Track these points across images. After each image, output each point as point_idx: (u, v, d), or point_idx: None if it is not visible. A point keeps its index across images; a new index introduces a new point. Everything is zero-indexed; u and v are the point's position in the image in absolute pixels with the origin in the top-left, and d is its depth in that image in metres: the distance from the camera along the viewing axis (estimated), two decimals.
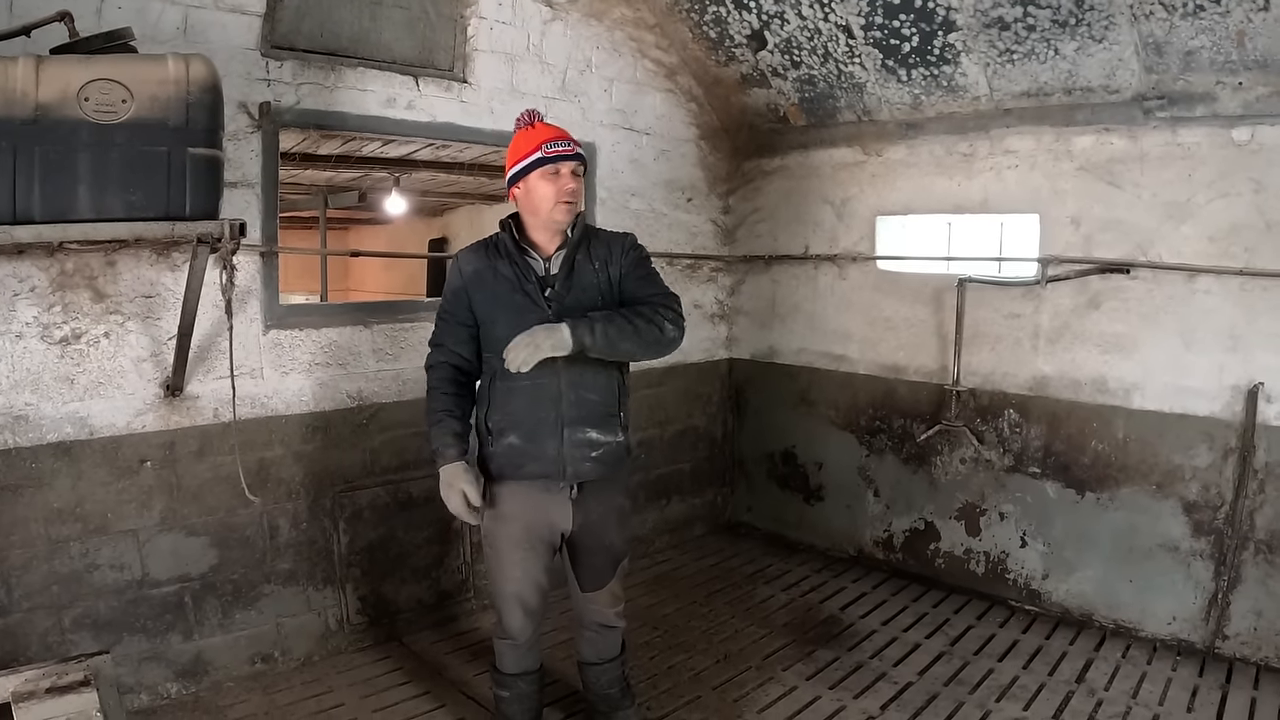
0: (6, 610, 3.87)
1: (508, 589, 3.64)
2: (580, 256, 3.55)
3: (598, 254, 3.59)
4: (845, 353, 6.43)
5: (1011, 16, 4.73)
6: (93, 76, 3.07)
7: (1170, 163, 4.81)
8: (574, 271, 3.51)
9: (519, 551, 3.58)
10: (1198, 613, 4.89)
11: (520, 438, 3.44)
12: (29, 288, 3.80)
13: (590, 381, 3.48)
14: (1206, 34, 4.31)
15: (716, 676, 4.70)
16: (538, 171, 3.41)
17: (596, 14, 5.85)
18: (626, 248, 3.66)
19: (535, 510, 3.54)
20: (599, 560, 3.72)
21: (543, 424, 3.43)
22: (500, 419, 3.46)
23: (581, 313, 3.34)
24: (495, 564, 3.66)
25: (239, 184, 4.34)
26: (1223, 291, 4.68)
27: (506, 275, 3.46)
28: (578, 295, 3.48)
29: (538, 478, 3.49)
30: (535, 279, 3.46)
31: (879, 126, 6.00)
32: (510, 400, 3.44)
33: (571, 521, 3.56)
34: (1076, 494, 5.28)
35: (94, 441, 4.05)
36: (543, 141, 3.43)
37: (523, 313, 3.37)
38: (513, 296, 3.43)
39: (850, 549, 6.49)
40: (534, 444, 3.44)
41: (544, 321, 3.27)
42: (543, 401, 3.42)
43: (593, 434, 3.49)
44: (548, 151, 3.41)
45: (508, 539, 3.58)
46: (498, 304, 3.45)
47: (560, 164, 3.42)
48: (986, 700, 4.42)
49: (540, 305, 3.41)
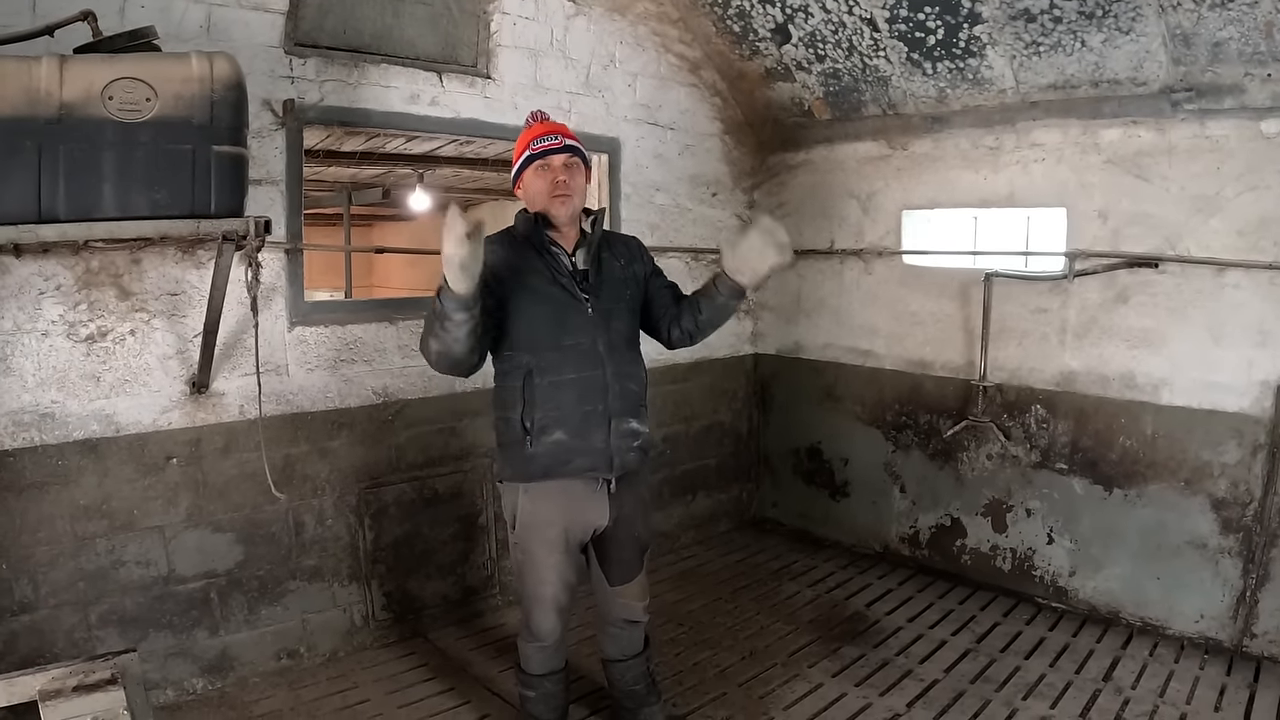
0: (33, 606, 3.90)
1: (544, 592, 3.52)
2: (606, 254, 3.55)
3: (619, 252, 3.62)
4: (871, 348, 6.40)
5: (1038, 8, 4.69)
6: (117, 75, 3.07)
7: (1198, 155, 4.75)
8: (603, 267, 3.51)
9: (555, 554, 3.47)
10: (1225, 611, 4.84)
11: (568, 433, 3.33)
12: (54, 286, 3.83)
13: (630, 371, 3.49)
14: (1235, 25, 4.26)
15: (742, 673, 4.69)
16: (531, 168, 3.42)
17: (620, 9, 5.84)
18: (645, 250, 3.78)
19: (574, 510, 3.45)
20: (628, 553, 3.67)
21: (590, 417, 3.35)
22: (544, 416, 3.32)
23: (613, 310, 3.44)
24: (529, 568, 3.52)
25: (264, 181, 4.35)
26: (1252, 286, 4.63)
27: (537, 267, 3.37)
28: (610, 290, 3.48)
29: (585, 472, 3.40)
30: (567, 272, 3.41)
31: (904, 120, 5.96)
32: (556, 396, 3.32)
33: (608, 516, 3.50)
34: (1104, 490, 5.24)
35: (120, 439, 4.08)
36: (533, 138, 3.43)
37: (561, 306, 3.35)
38: (549, 289, 3.36)
39: (876, 545, 6.47)
40: (582, 439, 3.35)
41: (580, 315, 3.35)
42: (592, 394, 3.35)
43: (634, 424, 3.47)
44: (535, 147, 3.40)
45: (544, 543, 3.45)
46: (534, 295, 3.34)
47: (549, 157, 3.40)
48: (1013, 698, 4.40)
49: (579, 299, 3.37)
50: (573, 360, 3.33)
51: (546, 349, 3.32)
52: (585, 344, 3.36)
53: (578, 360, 3.33)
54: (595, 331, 3.38)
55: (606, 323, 3.42)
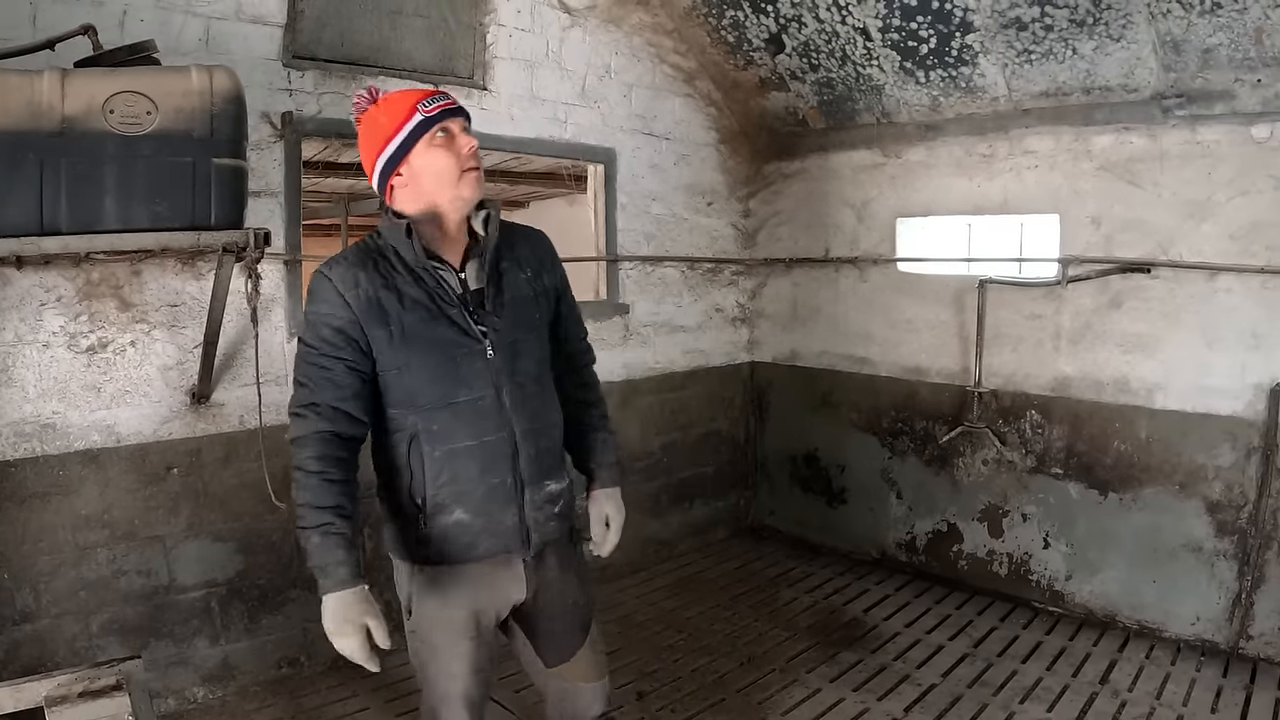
0: (35, 616, 3.92)
1: (453, 689, 2.73)
2: (506, 262, 2.70)
3: (524, 257, 2.77)
4: (867, 355, 6.42)
5: (1029, 16, 4.72)
6: (117, 89, 3.10)
7: (1190, 161, 4.79)
8: (503, 284, 2.67)
9: (464, 643, 2.70)
10: (1221, 613, 4.86)
11: (469, 512, 2.59)
12: (56, 298, 3.85)
13: (545, 423, 2.74)
14: (1224, 31, 4.30)
15: (740, 679, 4.70)
16: (423, 141, 2.50)
17: (615, 20, 5.88)
18: (554, 254, 2.92)
19: (484, 591, 2.71)
20: (560, 625, 2.86)
21: (497, 491, 2.60)
22: (438, 493, 2.57)
23: (519, 343, 2.66)
24: (432, 662, 2.75)
25: (263, 193, 4.38)
26: (1244, 290, 4.66)
27: (415, 297, 2.52)
28: (515, 314, 2.67)
29: (494, 554, 2.67)
30: (456, 301, 2.57)
31: (898, 128, 6.00)
32: (450, 467, 2.56)
33: (526, 589, 2.76)
34: (1099, 495, 5.26)
35: (121, 449, 4.10)
36: (415, 103, 2.52)
37: (449, 352, 2.54)
38: (433, 330, 2.52)
39: (873, 551, 6.49)
40: (487, 517, 2.61)
41: (477, 359, 2.56)
42: (497, 463, 2.60)
43: (552, 486, 2.74)
44: (427, 110, 2.51)
45: (450, 630, 2.70)
46: (413, 340, 2.51)
47: (448, 121, 2.53)
48: (1010, 702, 4.42)
49: (473, 336, 2.56)
50: (469, 421, 2.56)
51: (434, 408, 2.54)
52: (485, 398, 2.57)
53: (475, 421, 2.56)
54: (498, 378, 2.58)
55: (511, 364, 2.61)
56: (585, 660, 2.91)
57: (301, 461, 2.43)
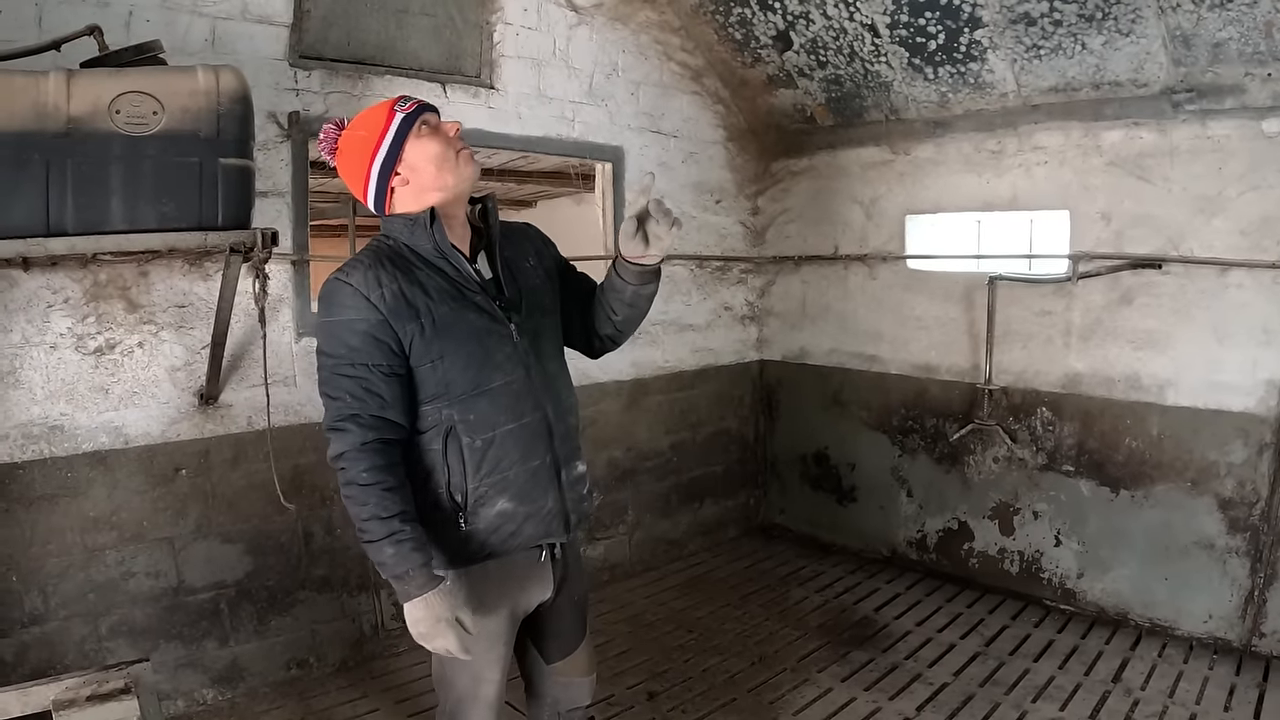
0: (44, 618, 3.92)
1: (485, 693, 2.73)
2: (510, 252, 2.76)
3: (522, 248, 2.82)
4: (877, 353, 6.41)
5: (1038, 12, 4.70)
6: (123, 89, 3.10)
7: (1200, 156, 4.77)
8: (514, 271, 2.73)
9: (500, 647, 2.72)
10: (1234, 610, 4.84)
11: (513, 499, 2.57)
12: (63, 299, 3.85)
13: (570, 403, 2.79)
14: (1234, 25, 4.27)
15: (751, 679, 4.69)
16: (411, 135, 2.54)
17: (622, 17, 5.87)
18: (545, 238, 2.97)
19: (519, 590, 2.72)
20: (567, 622, 2.91)
21: (539, 474, 2.61)
22: (479, 485, 2.54)
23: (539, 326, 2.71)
24: (464, 666, 2.67)
25: (270, 193, 4.38)
26: (1255, 285, 4.63)
27: (441, 288, 2.52)
28: (531, 300, 2.72)
29: (537, 542, 2.68)
30: (477, 285, 2.59)
31: (906, 125, 5.98)
32: (492, 455, 2.54)
33: (551, 588, 2.79)
34: (1110, 492, 5.24)
35: (129, 450, 4.09)
36: (390, 107, 2.57)
37: (482, 336, 2.54)
38: (464, 315, 2.53)
39: (884, 550, 6.47)
40: (531, 502, 2.60)
41: (506, 343, 2.58)
42: (536, 445, 2.61)
43: (580, 466, 2.76)
44: (405, 108, 2.56)
45: (485, 637, 2.63)
46: (446, 330, 2.49)
47: (426, 115, 2.57)
48: (1023, 700, 4.40)
49: (499, 320, 2.58)
50: (506, 405, 2.56)
51: (470, 396, 2.52)
52: (517, 381, 2.58)
53: (513, 404, 2.57)
54: (526, 360, 2.61)
55: (536, 346, 2.66)
56: (583, 655, 2.98)
57: (353, 477, 2.40)
